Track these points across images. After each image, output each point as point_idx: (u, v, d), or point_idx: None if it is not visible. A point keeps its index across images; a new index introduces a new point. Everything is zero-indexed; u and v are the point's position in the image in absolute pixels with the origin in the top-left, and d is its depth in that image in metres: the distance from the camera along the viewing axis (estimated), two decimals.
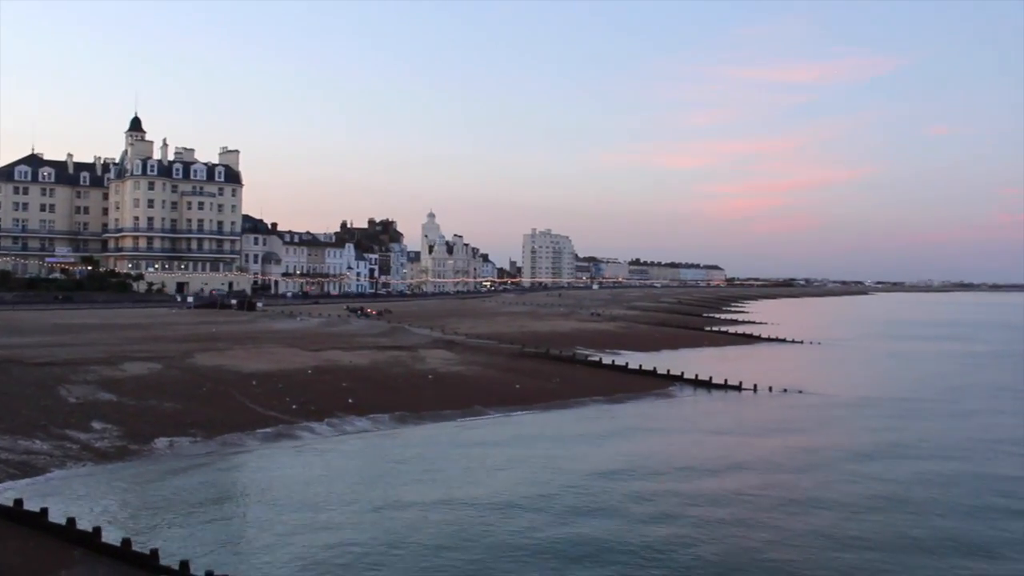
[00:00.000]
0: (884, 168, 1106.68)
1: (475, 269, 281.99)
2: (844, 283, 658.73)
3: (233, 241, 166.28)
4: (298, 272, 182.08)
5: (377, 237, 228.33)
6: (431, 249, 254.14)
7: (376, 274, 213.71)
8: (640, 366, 67.15)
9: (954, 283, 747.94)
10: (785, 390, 59.74)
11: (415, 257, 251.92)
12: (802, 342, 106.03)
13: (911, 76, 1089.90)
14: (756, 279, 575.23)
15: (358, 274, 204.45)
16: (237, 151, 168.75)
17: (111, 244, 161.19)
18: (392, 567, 23.27)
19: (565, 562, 24.01)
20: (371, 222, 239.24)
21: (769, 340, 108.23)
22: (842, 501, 30.78)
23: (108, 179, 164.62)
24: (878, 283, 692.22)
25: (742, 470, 36.07)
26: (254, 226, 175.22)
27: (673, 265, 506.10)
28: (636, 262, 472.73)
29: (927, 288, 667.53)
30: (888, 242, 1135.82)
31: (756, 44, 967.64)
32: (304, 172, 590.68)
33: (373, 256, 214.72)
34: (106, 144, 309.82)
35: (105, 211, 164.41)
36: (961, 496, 31.99)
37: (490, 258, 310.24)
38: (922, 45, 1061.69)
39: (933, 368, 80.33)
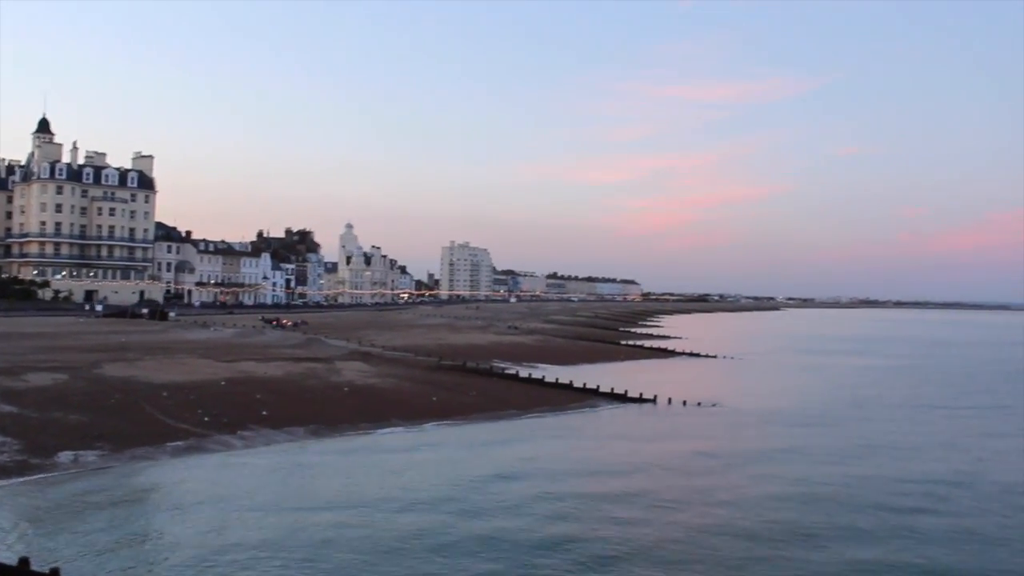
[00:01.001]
0: (796, 186, 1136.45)
1: (393, 281, 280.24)
2: (756, 299, 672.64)
3: (145, 249, 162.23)
4: (212, 281, 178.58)
5: (294, 247, 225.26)
6: (349, 260, 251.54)
7: (292, 284, 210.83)
8: (557, 379, 67.49)
9: (861, 300, 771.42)
10: (699, 403, 60.66)
11: (332, 268, 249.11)
12: (716, 356, 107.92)
13: (824, 97, 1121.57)
14: (671, 294, 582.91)
15: (274, 284, 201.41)
16: (151, 156, 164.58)
17: (15, 250, 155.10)
18: None
19: (470, 561, 24.48)
20: (288, 232, 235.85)
21: (684, 354, 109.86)
22: (738, 502, 32.45)
23: (13, 182, 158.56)
24: (789, 299, 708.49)
25: (650, 476, 36.96)
26: (167, 234, 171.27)
27: (590, 279, 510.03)
28: (554, 276, 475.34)
29: (835, 304, 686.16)
30: (799, 259, 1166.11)
31: (675, 62, 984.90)
32: (220, 180, 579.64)
33: (290, 266, 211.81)
34: (11, 146, 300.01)
35: (9, 215, 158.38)
36: (857, 496, 33.88)
37: (408, 270, 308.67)
38: (836, 68, 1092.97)
39: (839, 381, 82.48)
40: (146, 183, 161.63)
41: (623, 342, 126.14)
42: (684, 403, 60.63)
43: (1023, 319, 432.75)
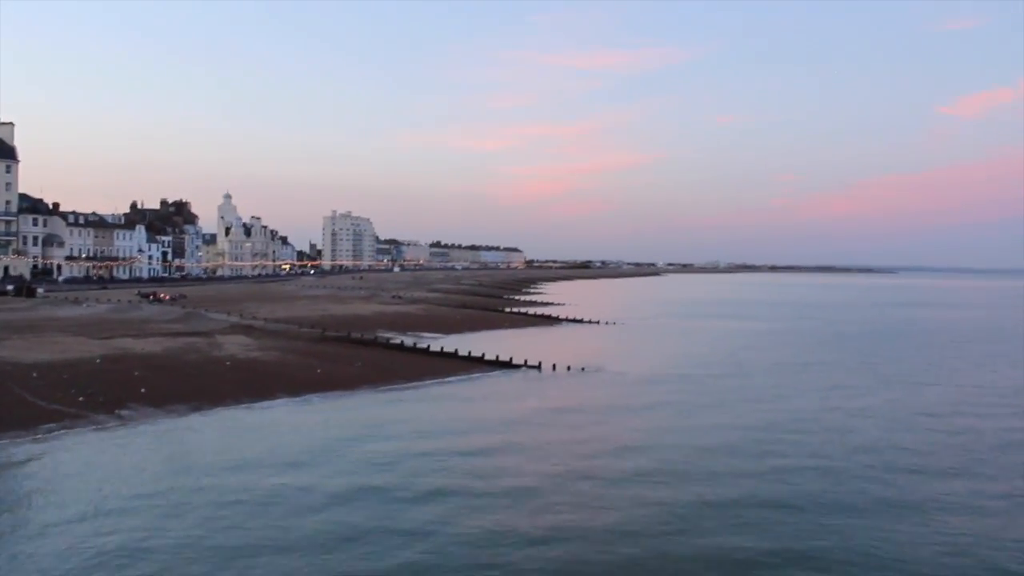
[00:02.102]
0: (675, 154, 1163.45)
1: (274, 252, 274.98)
2: (638, 265, 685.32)
3: (8, 222, 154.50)
4: (84, 256, 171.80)
5: (170, 219, 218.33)
6: (228, 231, 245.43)
7: (170, 257, 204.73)
8: (442, 348, 67.75)
9: (738, 264, 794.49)
10: (583, 368, 61.91)
11: (211, 240, 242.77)
12: (599, 322, 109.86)
13: (702, 67, 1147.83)
14: (555, 261, 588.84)
15: (150, 257, 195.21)
16: (11, 124, 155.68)
17: None
18: (185, 556, 22.79)
19: (340, 541, 24.58)
20: (164, 203, 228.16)
21: (568, 321, 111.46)
22: (612, 452, 33.87)
23: None
24: (670, 264, 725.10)
25: (526, 434, 37.69)
26: (33, 206, 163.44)
27: (474, 247, 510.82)
28: (437, 244, 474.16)
29: (714, 269, 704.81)
30: (679, 225, 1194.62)
31: (555, 30, 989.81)
32: (90, 151, 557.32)
33: (166, 239, 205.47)
34: None
35: None
36: (721, 444, 35.34)
37: (289, 241, 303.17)
38: (713, 38, 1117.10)
39: (717, 344, 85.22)
40: (7, 152, 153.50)
41: (507, 310, 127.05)
42: (568, 368, 61.78)
43: (887, 281, 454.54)
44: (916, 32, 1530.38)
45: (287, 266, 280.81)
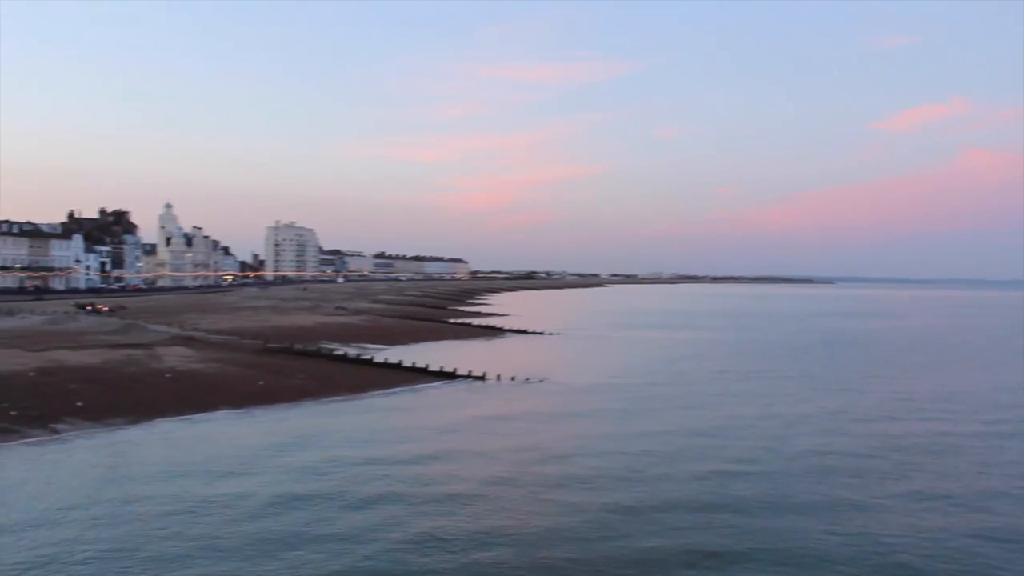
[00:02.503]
0: (617, 166, 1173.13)
1: (216, 263, 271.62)
2: (582, 275, 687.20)
3: None
4: (18, 266, 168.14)
5: (109, 228, 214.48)
6: (169, 241, 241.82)
7: (108, 268, 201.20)
8: (387, 360, 67.47)
9: (681, 275, 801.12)
10: (527, 379, 62.09)
11: (151, 250, 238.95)
12: (543, 333, 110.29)
13: (644, 80, 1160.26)
14: (499, 272, 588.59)
15: (88, 268, 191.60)
16: None
17: None
18: (116, 567, 22.56)
19: (275, 548, 24.57)
20: (103, 212, 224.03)
21: (512, 332, 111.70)
22: (554, 459, 33.68)
23: None
24: (613, 275, 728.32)
25: (472, 452, 37.64)
26: None
27: (418, 258, 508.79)
28: (381, 255, 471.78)
29: (657, 280, 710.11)
30: (622, 237, 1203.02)
31: (499, 43, 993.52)
32: (26, 158, 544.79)
33: (105, 249, 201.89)
34: None
35: None
36: (662, 452, 35.66)
37: (232, 251, 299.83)
38: (654, 51, 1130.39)
39: (660, 354, 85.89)
40: None
41: (452, 321, 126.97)
42: (512, 379, 61.95)
43: (825, 291, 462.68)
44: (851, 48, 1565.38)
45: (229, 277, 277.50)
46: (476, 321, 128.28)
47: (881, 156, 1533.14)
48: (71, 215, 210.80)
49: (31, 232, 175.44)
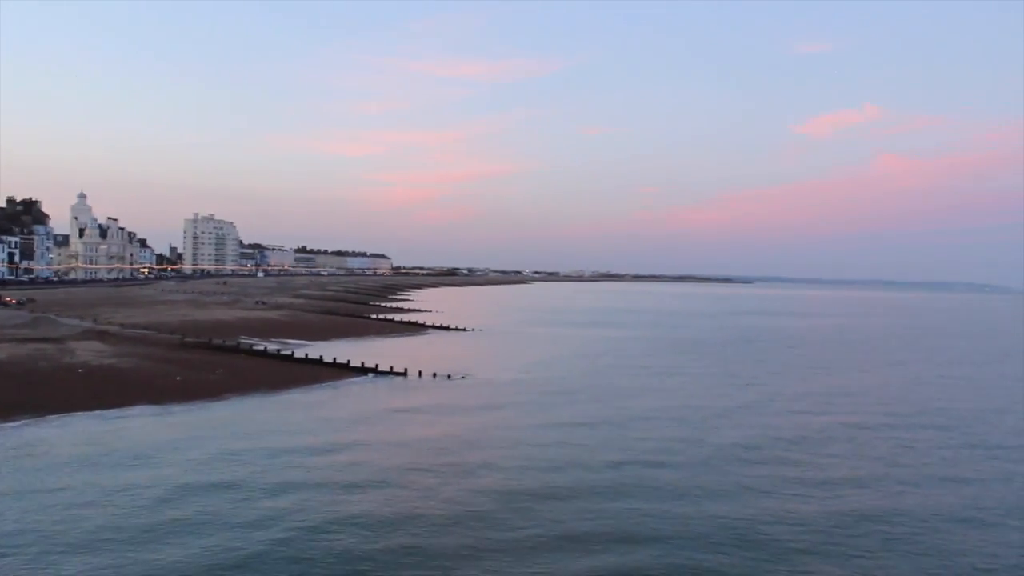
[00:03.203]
0: (542, 164, 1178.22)
1: (132, 255, 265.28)
2: (505, 272, 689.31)
3: None
4: None
5: (18, 218, 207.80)
6: (82, 232, 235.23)
7: (17, 259, 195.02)
8: (307, 355, 66.87)
9: (603, 273, 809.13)
10: (449, 375, 62.11)
11: (63, 241, 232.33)
12: (466, 329, 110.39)
13: (570, 79, 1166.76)
14: (422, 268, 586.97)
15: None
16: None
17: None
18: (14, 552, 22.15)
19: (186, 535, 24.82)
20: (11, 201, 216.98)
21: (435, 328, 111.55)
22: (484, 465, 34.05)
23: None
24: (536, 272, 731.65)
25: (396, 448, 37.74)
26: None
27: (340, 253, 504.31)
28: (303, 250, 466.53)
29: (579, 277, 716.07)
30: (545, 234, 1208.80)
31: (427, 38, 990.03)
32: None
33: (13, 239, 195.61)
34: None
35: None
36: (594, 453, 36.43)
37: (149, 244, 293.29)
38: (581, 50, 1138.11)
39: (582, 351, 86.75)
40: None
41: (375, 316, 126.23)
42: (434, 376, 61.91)
43: (744, 291, 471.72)
44: (773, 54, 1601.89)
45: (146, 270, 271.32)
46: (399, 317, 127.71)
47: (801, 159, 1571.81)
48: None
49: None
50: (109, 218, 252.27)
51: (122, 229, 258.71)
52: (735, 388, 61.47)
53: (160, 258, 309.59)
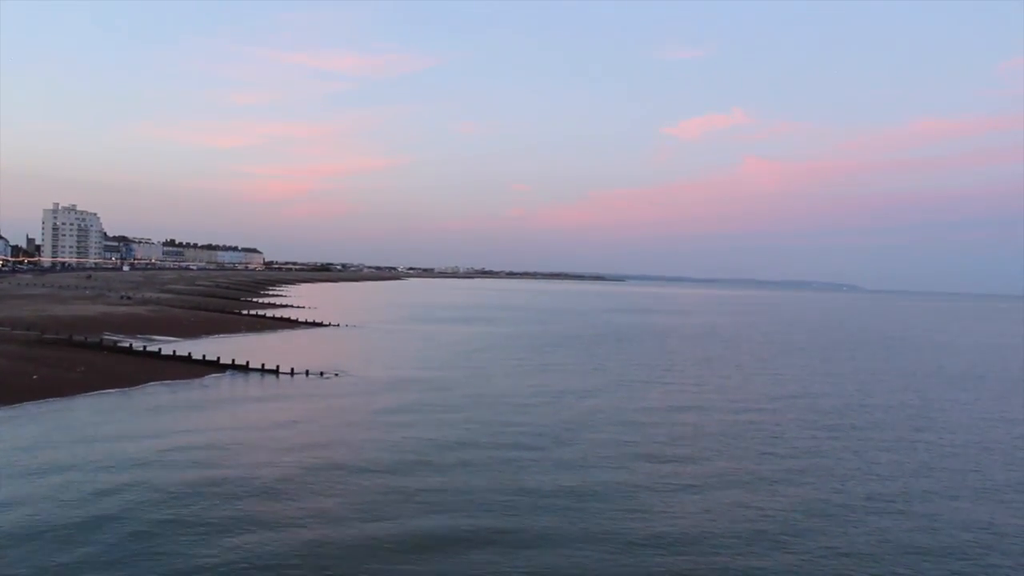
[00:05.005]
0: (416, 159, 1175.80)
1: None
2: (379, 268, 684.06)
3: None
4: None
5: None
6: None
7: None
8: (174, 352, 65.02)
9: (477, 270, 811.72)
10: (322, 373, 61.35)
11: None
12: (340, 326, 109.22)
13: (445, 75, 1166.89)
14: (295, 263, 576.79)
15: None
16: None
17: None
18: None
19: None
20: None
21: (308, 324, 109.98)
22: (358, 461, 33.88)
23: None
24: (411, 268, 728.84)
25: (255, 442, 37.16)
26: None
27: (210, 247, 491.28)
28: (171, 243, 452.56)
29: (454, 274, 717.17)
30: (420, 230, 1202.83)
31: (301, 30, 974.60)
32: None
33: None
34: None
35: None
36: (457, 439, 36.72)
37: (3, 234, 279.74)
38: (456, 47, 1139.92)
39: (458, 348, 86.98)
40: None
41: (246, 312, 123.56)
42: (307, 374, 60.96)
43: (616, 288, 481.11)
44: (643, 57, 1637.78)
45: None
46: (271, 313, 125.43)
47: (671, 161, 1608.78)
48: None
49: None
50: None
51: None
52: (605, 384, 62.75)
53: (16, 250, 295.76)
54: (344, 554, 23.96)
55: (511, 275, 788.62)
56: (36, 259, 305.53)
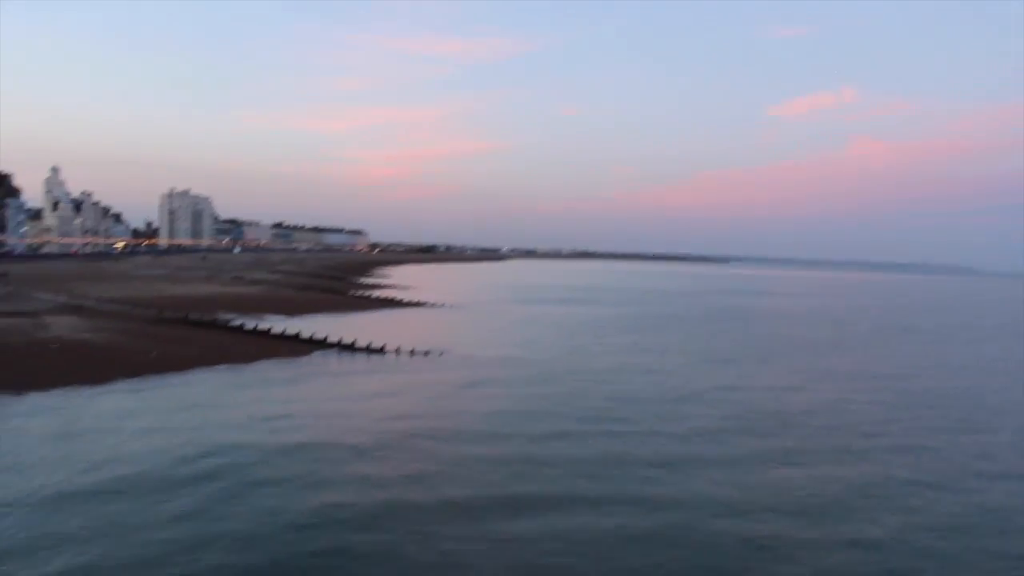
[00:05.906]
0: (520, 142, 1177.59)
1: (106, 229, 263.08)
2: (483, 250, 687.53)
3: None
4: None
5: None
6: (56, 206, 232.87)
7: None
8: (284, 331, 66.75)
9: (579, 251, 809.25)
10: (426, 352, 62.20)
11: (37, 215, 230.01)
12: (443, 306, 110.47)
13: (548, 58, 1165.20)
14: (399, 244, 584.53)
15: None
16: None
17: None
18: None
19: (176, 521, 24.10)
20: None
21: (412, 304, 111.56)
22: (462, 437, 34.09)
23: None
24: (513, 250, 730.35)
25: (365, 417, 37.71)
26: None
27: (317, 229, 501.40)
28: (280, 226, 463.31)
29: (557, 256, 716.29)
30: (523, 212, 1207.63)
31: (405, 16, 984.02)
32: None
33: None
34: None
35: None
36: (561, 414, 36.99)
37: (124, 218, 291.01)
38: (558, 30, 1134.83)
39: (561, 328, 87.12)
40: None
41: (352, 292, 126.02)
42: (411, 353, 61.92)
43: (721, 270, 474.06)
44: (750, 36, 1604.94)
45: (121, 244, 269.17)
46: (376, 293, 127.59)
47: (777, 141, 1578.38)
48: None
49: None
50: (83, 192, 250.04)
51: (97, 203, 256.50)
52: (708, 366, 62.06)
53: (135, 233, 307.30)
54: (435, 514, 24.69)
55: (613, 256, 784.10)
56: (154, 241, 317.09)
